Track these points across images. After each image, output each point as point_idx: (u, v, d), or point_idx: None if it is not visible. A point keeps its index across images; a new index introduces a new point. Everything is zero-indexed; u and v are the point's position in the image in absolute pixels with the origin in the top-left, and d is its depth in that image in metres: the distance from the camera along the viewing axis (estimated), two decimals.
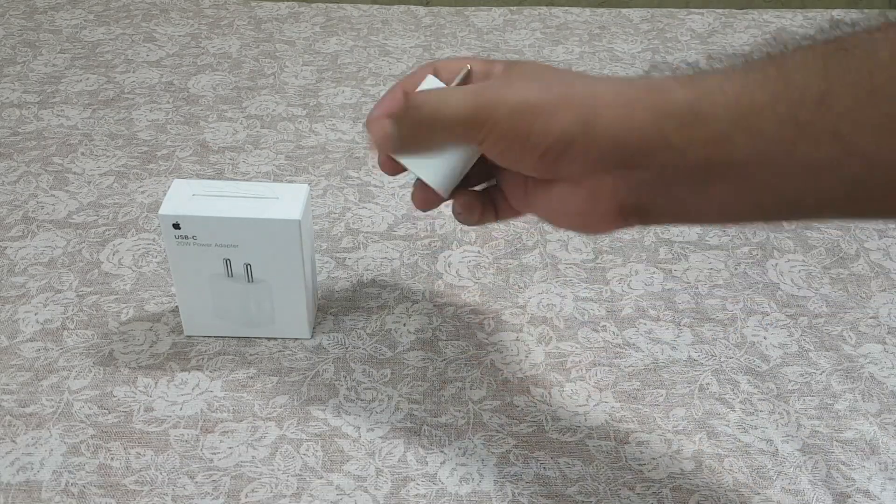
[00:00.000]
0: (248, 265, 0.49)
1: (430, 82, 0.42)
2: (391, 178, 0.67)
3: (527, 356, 0.53)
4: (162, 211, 0.47)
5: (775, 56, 0.34)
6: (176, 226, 0.48)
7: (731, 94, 0.34)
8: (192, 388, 0.50)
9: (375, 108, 0.42)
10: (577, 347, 0.54)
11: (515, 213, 0.45)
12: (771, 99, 0.33)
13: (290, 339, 0.53)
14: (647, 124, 0.35)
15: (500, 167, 0.41)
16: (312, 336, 0.54)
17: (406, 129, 0.40)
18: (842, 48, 0.32)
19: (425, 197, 0.44)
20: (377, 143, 0.41)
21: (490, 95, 0.38)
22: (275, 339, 0.53)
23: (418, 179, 0.43)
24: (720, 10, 0.94)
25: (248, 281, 0.50)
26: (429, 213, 0.64)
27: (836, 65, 0.32)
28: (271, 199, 0.48)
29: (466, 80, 0.42)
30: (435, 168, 0.42)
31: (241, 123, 0.74)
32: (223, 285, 0.50)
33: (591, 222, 0.40)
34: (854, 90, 0.31)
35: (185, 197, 0.48)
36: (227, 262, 0.49)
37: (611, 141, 0.36)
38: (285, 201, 0.48)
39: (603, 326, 0.56)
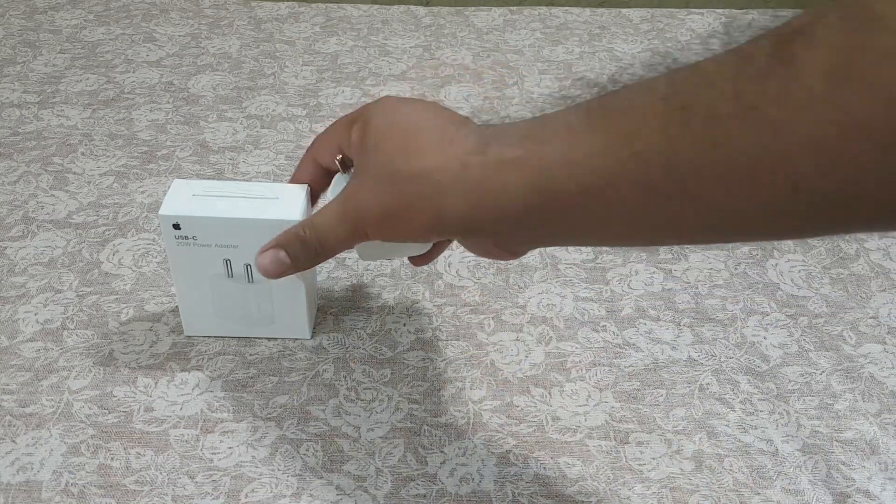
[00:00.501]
0: (248, 265, 0.49)
1: (338, 182, 0.48)
2: None
3: (527, 356, 0.53)
4: (162, 211, 0.47)
5: (613, 112, 0.34)
6: (176, 226, 0.48)
7: (577, 164, 0.34)
8: (192, 388, 0.50)
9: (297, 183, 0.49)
10: (577, 347, 0.54)
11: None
12: (619, 168, 0.33)
13: (290, 339, 0.53)
14: (495, 212, 0.38)
15: None
16: (312, 336, 0.54)
17: (303, 257, 0.46)
18: (682, 106, 0.31)
19: (418, 260, 0.50)
20: (274, 272, 0.46)
21: (354, 212, 0.43)
22: (275, 339, 0.53)
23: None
24: (720, 11, 0.94)
25: (249, 281, 0.50)
26: None
27: (677, 125, 0.31)
28: (271, 200, 0.48)
29: (343, 163, 0.47)
30: (400, 246, 0.47)
31: (240, 123, 0.74)
32: (223, 286, 0.50)
33: (497, 258, 0.45)
34: (697, 148, 0.31)
35: (186, 197, 0.48)
36: (228, 262, 0.49)
37: (463, 224, 0.39)
38: (285, 201, 0.48)
39: (603, 326, 0.56)
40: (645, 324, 0.56)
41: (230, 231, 0.48)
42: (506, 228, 0.39)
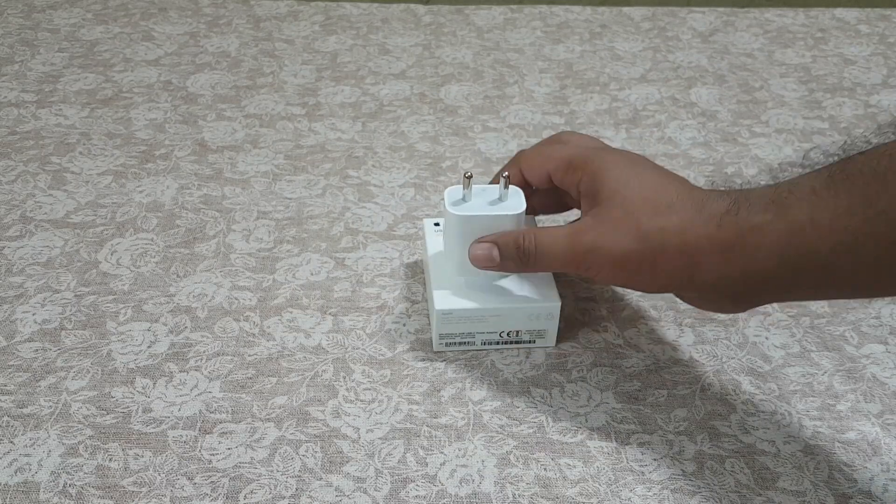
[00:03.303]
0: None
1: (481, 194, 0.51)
2: (391, 177, 0.67)
3: (527, 356, 0.53)
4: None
5: (854, 176, 0.36)
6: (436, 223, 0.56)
7: (825, 225, 0.37)
8: (191, 389, 0.50)
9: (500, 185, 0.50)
10: (577, 348, 0.54)
11: None
12: (865, 226, 0.35)
13: (297, 336, 0.53)
14: (746, 271, 0.40)
15: None
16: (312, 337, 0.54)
17: (513, 262, 0.48)
18: None
19: None
20: (480, 264, 0.49)
21: (586, 246, 0.44)
22: (275, 340, 0.53)
23: None
24: (722, 9, 0.94)
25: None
26: (428, 213, 0.64)
27: None
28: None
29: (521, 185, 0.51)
30: None
31: (239, 122, 0.73)
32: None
33: (720, 311, 0.48)
34: None
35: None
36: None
37: (714, 281, 0.41)
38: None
39: (604, 327, 0.55)
40: (646, 324, 0.55)
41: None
42: (753, 286, 0.41)
